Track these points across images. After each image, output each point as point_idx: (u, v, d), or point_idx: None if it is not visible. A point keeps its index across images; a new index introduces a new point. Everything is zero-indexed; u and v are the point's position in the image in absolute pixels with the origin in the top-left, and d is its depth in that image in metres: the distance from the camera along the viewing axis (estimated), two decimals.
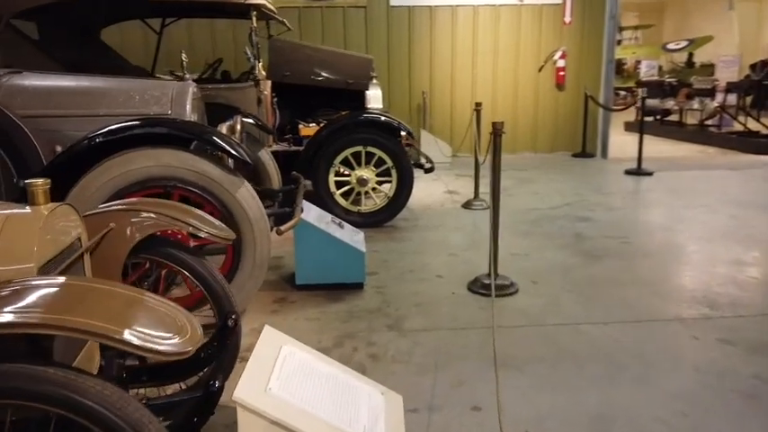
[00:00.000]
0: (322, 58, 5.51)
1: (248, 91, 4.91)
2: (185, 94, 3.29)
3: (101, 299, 1.34)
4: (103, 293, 1.37)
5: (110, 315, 1.27)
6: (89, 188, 2.80)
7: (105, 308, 1.30)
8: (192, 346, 1.35)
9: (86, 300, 1.31)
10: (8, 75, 3.18)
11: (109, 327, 1.23)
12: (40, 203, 1.65)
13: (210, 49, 8.55)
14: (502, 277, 3.84)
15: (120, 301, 1.36)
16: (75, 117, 3.08)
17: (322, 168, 5.08)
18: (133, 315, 1.33)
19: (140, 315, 1.34)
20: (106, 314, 1.27)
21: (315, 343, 3.02)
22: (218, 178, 2.93)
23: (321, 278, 3.72)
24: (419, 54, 9.42)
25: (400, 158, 5.16)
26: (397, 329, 3.20)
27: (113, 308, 1.31)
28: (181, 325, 1.37)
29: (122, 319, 1.28)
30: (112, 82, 3.31)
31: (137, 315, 1.34)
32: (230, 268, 3.07)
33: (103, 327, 1.22)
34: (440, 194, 6.72)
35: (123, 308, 1.34)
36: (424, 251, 4.62)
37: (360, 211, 5.25)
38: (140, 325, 1.30)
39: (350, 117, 5.14)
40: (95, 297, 1.34)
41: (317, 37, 9.03)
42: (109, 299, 1.35)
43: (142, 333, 1.27)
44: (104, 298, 1.35)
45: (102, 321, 1.24)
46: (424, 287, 3.84)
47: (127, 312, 1.32)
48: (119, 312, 1.30)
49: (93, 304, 1.29)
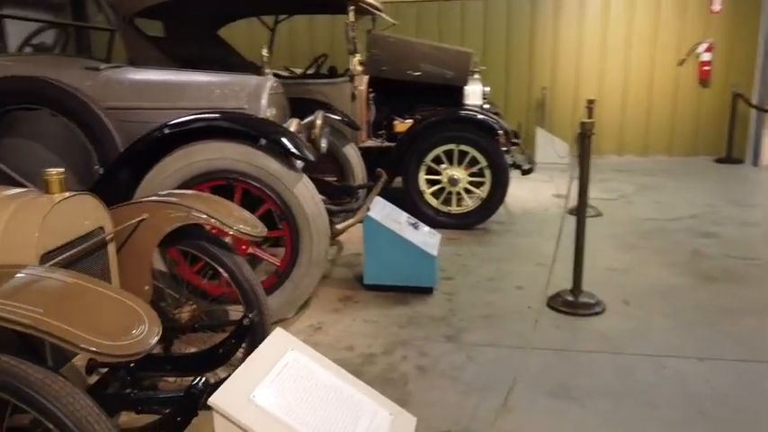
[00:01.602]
0: (420, 52, 5.35)
1: (343, 86, 4.91)
2: (262, 90, 3.32)
3: (59, 292, 1.33)
4: (66, 288, 1.36)
5: (59, 309, 1.26)
6: (158, 177, 2.92)
7: (57, 301, 1.29)
8: (139, 350, 1.30)
9: (41, 293, 1.30)
10: (109, 69, 3.41)
11: (48, 321, 1.21)
12: (54, 192, 1.70)
13: (329, 45, 8.74)
14: (587, 294, 3.46)
15: (78, 296, 1.35)
16: (160, 109, 3.23)
17: (412, 166, 4.95)
18: (87, 312, 1.30)
19: (98, 315, 1.32)
20: (55, 308, 1.26)
21: (365, 347, 2.92)
22: (276, 173, 2.92)
23: (389, 279, 3.60)
24: (541, 47, 8.91)
25: (495, 158, 4.87)
26: (456, 341, 3.00)
27: (67, 302, 1.30)
28: (132, 327, 1.33)
29: (69, 314, 1.26)
30: (197, 76, 3.44)
31: (92, 313, 1.31)
32: (288, 263, 3.06)
33: (43, 321, 1.21)
34: (546, 198, 6.29)
35: (76, 303, 1.32)
36: (509, 258, 4.31)
37: (450, 211, 5.04)
38: (91, 324, 1.27)
39: (443, 113, 4.94)
40: (53, 291, 1.33)
41: (434, 32, 8.88)
42: (68, 292, 1.34)
43: (87, 331, 1.25)
44: (64, 292, 1.34)
45: (46, 316, 1.22)
46: (499, 298, 3.58)
47: (79, 308, 1.30)
48: (69, 307, 1.28)
49: (47, 298, 1.29)
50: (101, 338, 1.24)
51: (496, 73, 8.83)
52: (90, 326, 1.26)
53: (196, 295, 2.92)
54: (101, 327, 1.27)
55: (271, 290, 3.08)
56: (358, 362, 2.78)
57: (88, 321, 1.27)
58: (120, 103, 3.24)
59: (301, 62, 7.22)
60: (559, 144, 8.31)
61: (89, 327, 1.26)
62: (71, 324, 1.23)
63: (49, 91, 2.90)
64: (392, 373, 2.68)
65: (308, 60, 6.66)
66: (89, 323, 1.27)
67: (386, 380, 2.62)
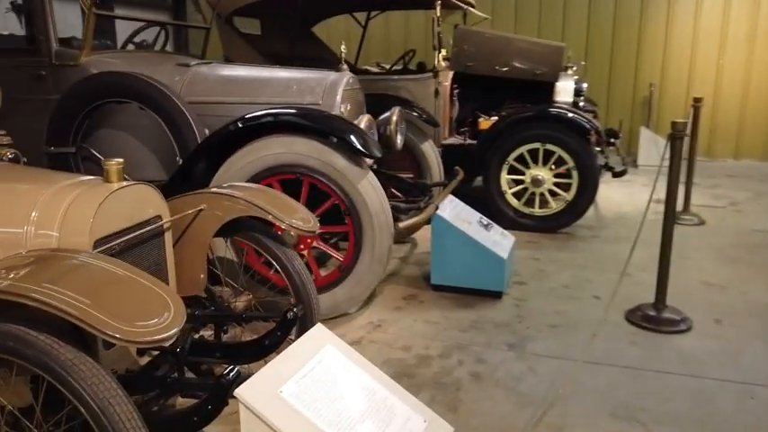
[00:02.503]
0: (508, 46, 5.16)
1: (426, 82, 4.85)
2: (338, 86, 3.35)
3: (88, 276, 1.41)
4: (101, 274, 1.44)
5: (84, 293, 1.33)
6: (231, 169, 3.04)
7: (86, 286, 1.36)
8: (157, 337, 1.35)
9: (71, 276, 1.38)
10: (198, 65, 3.60)
11: (72, 303, 1.28)
12: (112, 181, 1.81)
13: (423, 41, 8.69)
14: (672, 309, 3.18)
15: (106, 280, 1.42)
16: (241, 104, 3.35)
17: (494, 164, 4.80)
18: (112, 297, 1.36)
19: (122, 299, 1.38)
20: (82, 292, 1.33)
21: (421, 348, 2.87)
22: (341, 169, 2.93)
23: (457, 281, 3.52)
24: (651, 39, 8.32)
25: (584, 159, 4.60)
26: (518, 350, 2.87)
27: (94, 287, 1.37)
28: (156, 314, 1.38)
29: (96, 298, 1.32)
30: (277, 73, 3.53)
31: (117, 297, 1.37)
32: (351, 259, 3.07)
33: (66, 302, 1.28)
34: (644, 202, 5.83)
35: (104, 288, 1.38)
36: (591, 266, 4.07)
37: (532, 213, 4.84)
38: (114, 309, 1.33)
39: (530, 110, 4.75)
40: (85, 275, 1.41)
41: (533, 25, 8.56)
42: (96, 278, 1.41)
43: (112, 317, 1.31)
44: (98, 278, 1.42)
45: (68, 298, 1.29)
46: (572, 307, 3.38)
47: (105, 293, 1.37)
48: (95, 291, 1.35)
49: (75, 281, 1.36)
50: (123, 324, 1.30)
51: (599, 68, 8.39)
52: (116, 312, 1.32)
53: (262, 285, 3.02)
54: (126, 313, 1.33)
55: (334, 284, 3.12)
56: (412, 363, 2.74)
57: (115, 308, 1.33)
58: (204, 98, 3.40)
59: (395, 58, 7.24)
60: (664, 145, 7.72)
61: (115, 313, 1.32)
62: (97, 309, 1.30)
63: (137, 85, 3.10)
64: (445, 378, 2.61)
65: None
66: (115, 310, 1.33)
67: (438, 384, 2.56)
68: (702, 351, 2.85)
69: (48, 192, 1.78)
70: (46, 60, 3.35)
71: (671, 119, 3.11)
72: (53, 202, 1.73)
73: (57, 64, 3.35)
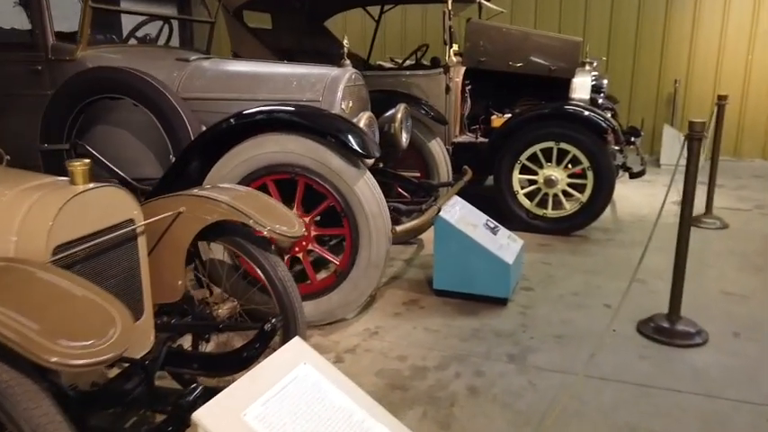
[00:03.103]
0: (523, 41, 4.97)
1: (436, 78, 4.70)
2: (339, 82, 3.22)
3: (33, 293, 1.31)
4: (42, 289, 1.34)
5: (27, 313, 1.23)
6: (224, 168, 2.94)
7: (29, 305, 1.26)
8: (110, 354, 1.25)
9: (14, 294, 1.29)
10: (198, 60, 3.50)
11: (11, 326, 1.18)
12: (78, 183, 1.71)
13: (439, 35, 8.51)
14: (687, 321, 3.00)
15: (52, 298, 1.32)
16: (240, 100, 3.25)
17: (506, 163, 4.63)
18: (55, 316, 1.26)
19: (66, 318, 1.28)
20: (24, 312, 1.23)
21: (418, 358, 2.74)
22: (336, 168, 2.81)
23: (460, 286, 3.38)
24: (676, 35, 8.02)
25: (600, 159, 4.41)
26: (519, 362, 2.72)
27: (37, 306, 1.27)
28: (103, 334, 1.27)
29: (38, 319, 1.22)
30: (277, 68, 3.42)
31: (61, 317, 1.27)
32: (347, 263, 2.95)
33: (5, 324, 1.18)
34: (665, 204, 5.61)
35: (49, 306, 1.28)
36: (603, 271, 3.89)
37: (545, 214, 4.66)
38: (56, 330, 1.23)
39: (543, 108, 4.56)
40: (30, 292, 1.31)
41: (554, 19, 8.32)
42: (40, 295, 1.31)
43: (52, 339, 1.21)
44: (39, 294, 1.32)
45: (8, 319, 1.20)
46: (580, 316, 3.21)
47: (48, 312, 1.26)
48: (38, 312, 1.25)
49: (18, 300, 1.26)
50: (63, 347, 1.20)
51: (622, 63, 8.12)
52: (58, 334, 1.22)
53: (257, 290, 2.92)
54: (68, 334, 1.23)
55: (329, 289, 3.01)
56: (407, 374, 2.61)
57: (57, 328, 1.23)
58: (202, 94, 3.30)
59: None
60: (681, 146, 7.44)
61: (56, 335, 1.22)
62: (37, 332, 1.20)
63: (129, 81, 3.02)
64: (440, 392, 2.48)
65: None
66: (58, 330, 1.23)
67: (431, 398, 2.43)
68: (718, 368, 2.67)
69: (10, 194, 1.69)
70: (42, 55, 3.29)
71: (697, 116, 2.92)
72: (13, 205, 1.64)
73: (53, 59, 3.29)
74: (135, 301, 1.97)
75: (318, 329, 3.02)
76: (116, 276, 1.88)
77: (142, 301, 2.00)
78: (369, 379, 2.57)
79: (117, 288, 1.89)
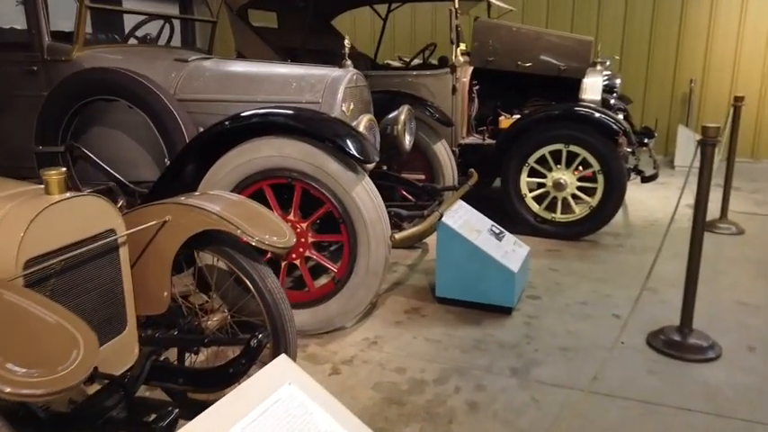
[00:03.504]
0: (531, 40, 4.84)
1: (443, 78, 4.59)
2: (339, 83, 3.13)
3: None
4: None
5: None
6: (219, 173, 2.86)
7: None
8: (71, 382, 1.16)
9: None
10: (196, 61, 3.42)
11: None
12: (53, 193, 1.63)
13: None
14: (699, 334, 2.88)
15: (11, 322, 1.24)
16: (237, 102, 3.17)
17: (513, 166, 4.50)
18: (13, 343, 1.18)
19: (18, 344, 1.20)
20: None
21: (417, 371, 2.64)
22: (334, 174, 2.72)
23: (462, 294, 3.27)
24: (692, 33, 7.83)
25: (610, 162, 4.27)
26: (521, 376, 2.61)
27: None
28: (64, 359, 1.19)
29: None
30: (277, 69, 3.34)
31: (19, 343, 1.19)
32: (345, 271, 2.86)
33: None
34: (678, 208, 5.46)
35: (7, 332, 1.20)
36: (613, 279, 3.76)
37: (554, 219, 4.54)
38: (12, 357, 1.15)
39: (552, 109, 4.44)
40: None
41: (566, 17, 8.16)
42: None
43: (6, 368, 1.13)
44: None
45: None
46: (588, 327, 3.10)
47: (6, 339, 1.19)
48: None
49: None
50: (18, 376, 1.12)
51: (636, 62, 7.95)
52: (14, 361, 1.14)
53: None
54: (25, 362, 1.14)
55: (327, 297, 2.92)
56: (404, 388, 2.52)
57: (13, 356, 1.15)
58: (200, 96, 3.23)
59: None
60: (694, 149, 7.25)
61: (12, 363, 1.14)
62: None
63: (122, 82, 2.95)
64: (438, 408, 2.38)
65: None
66: (13, 358, 1.15)
67: (429, 414, 2.33)
68: (731, 385, 2.55)
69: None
70: (38, 55, 3.24)
71: (712, 117, 2.79)
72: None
73: (48, 59, 3.24)
74: (117, 313, 1.90)
75: (316, 338, 2.93)
76: (97, 289, 1.80)
77: (125, 314, 1.92)
78: (365, 393, 2.48)
79: (98, 301, 1.81)
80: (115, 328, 1.88)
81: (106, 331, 1.85)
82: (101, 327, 1.82)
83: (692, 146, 7.09)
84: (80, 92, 3.03)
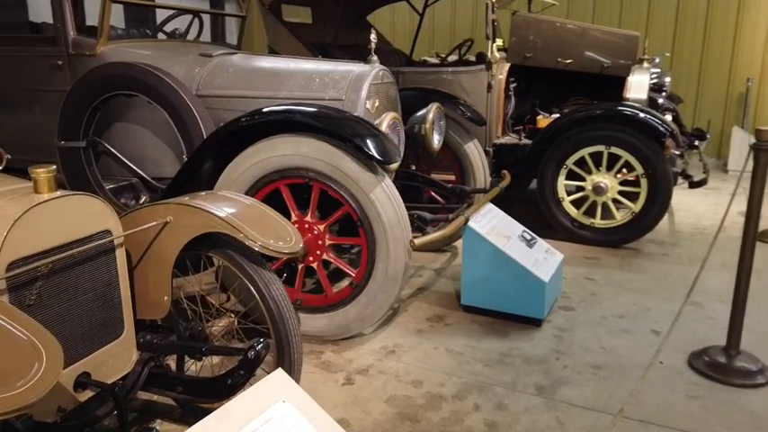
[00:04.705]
0: (572, 35, 4.59)
1: (477, 75, 4.40)
2: (363, 80, 3.00)
3: None
4: None
5: None
6: (235, 171, 2.77)
7: None
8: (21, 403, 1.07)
9: None
10: (220, 56, 3.35)
11: None
12: (41, 192, 1.56)
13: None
14: (747, 356, 2.63)
15: None
16: (260, 98, 3.07)
17: (550, 168, 4.28)
18: None
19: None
20: None
21: (435, 385, 2.49)
22: (351, 174, 2.59)
23: (489, 303, 3.10)
24: (750, 28, 7.36)
25: (655, 166, 4.01)
26: (547, 395, 2.43)
27: None
28: (25, 373, 1.10)
29: None
30: (301, 64, 3.23)
31: None
32: (364, 275, 2.73)
33: None
34: (729, 215, 5.11)
35: None
36: (655, 291, 3.51)
37: (593, 224, 4.29)
38: None
39: (593, 108, 4.19)
40: None
41: (614, 12, 7.81)
42: None
43: None
44: None
45: None
46: (624, 343, 2.88)
47: None
48: None
49: None
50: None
51: (689, 59, 7.54)
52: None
53: None
54: None
55: (345, 302, 2.80)
56: (419, 403, 2.37)
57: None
58: (223, 92, 3.14)
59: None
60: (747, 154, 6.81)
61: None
62: None
63: (141, 77, 2.90)
64: (454, 426, 2.22)
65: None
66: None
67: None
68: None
69: None
70: (63, 50, 3.22)
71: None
72: None
73: (73, 53, 3.21)
74: (113, 318, 1.82)
75: (332, 345, 2.82)
76: (90, 292, 1.73)
77: (122, 319, 1.85)
78: (378, 406, 2.35)
79: (92, 304, 1.74)
80: (111, 333, 1.81)
81: (101, 336, 1.78)
82: (94, 331, 1.76)
83: (746, 149, 6.68)
84: (100, 87, 2.99)
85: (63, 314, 1.64)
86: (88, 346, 1.72)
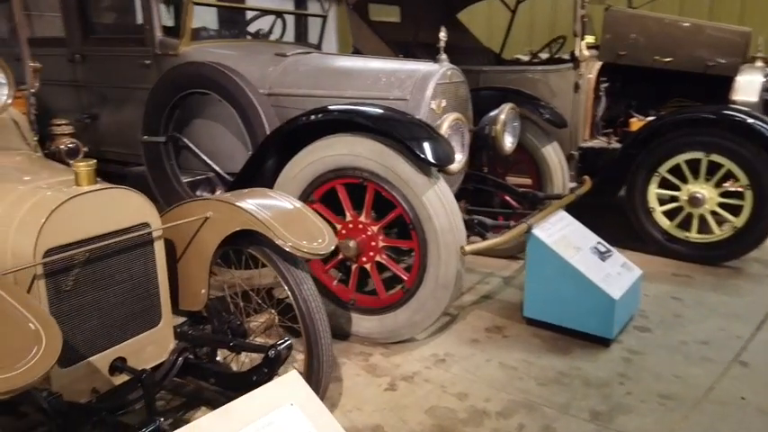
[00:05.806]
0: (672, 32, 4.19)
1: (564, 74, 4.15)
2: (429, 79, 2.93)
3: None
4: None
5: None
6: (294, 169, 2.80)
7: None
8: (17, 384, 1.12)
9: None
10: (295, 55, 3.42)
11: None
12: (82, 184, 1.65)
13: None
14: None
15: None
16: (328, 97, 3.09)
17: (640, 175, 3.94)
18: None
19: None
20: None
21: (480, 399, 2.38)
22: (403, 176, 2.53)
23: (553, 317, 2.91)
24: None
25: (763, 177, 3.57)
26: (602, 423, 2.23)
27: None
28: (23, 356, 1.16)
29: None
30: (369, 63, 3.23)
31: None
32: (415, 280, 2.66)
33: None
34: None
35: None
36: (748, 317, 3.12)
37: (687, 238, 3.90)
38: None
39: (693, 110, 3.81)
40: None
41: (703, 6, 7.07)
42: None
43: None
44: None
45: None
46: (701, 372, 2.58)
47: None
48: None
49: None
50: None
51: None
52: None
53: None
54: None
55: (396, 306, 2.75)
56: (460, 417, 2.26)
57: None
58: (293, 90, 3.20)
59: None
60: None
61: None
62: None
63: (212, 75, 3.01)
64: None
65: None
66: None
67: None
68: None
69: (23, 189, 1.69)
70: (150, 50, 3.43)
71: None
72: (19, 202, 1.63)
73: (159, 53, 3.41)
74: (151, 307, 1.90)
75: (382, 348, 2.78)
76: (128, 281, 1.81)
77: (159, 309, 1.92)
78: (416, 416, 2.27)
79: (129, 293, 1.82)
80: (148, 322, 1.88)
81: (137, 324, 1.86)
82: (131, 319, 1.83)
83: None
84: (178, 85, 3.15)
85: (98, 301, 1.72)
86: (124, 333, 1.81)
